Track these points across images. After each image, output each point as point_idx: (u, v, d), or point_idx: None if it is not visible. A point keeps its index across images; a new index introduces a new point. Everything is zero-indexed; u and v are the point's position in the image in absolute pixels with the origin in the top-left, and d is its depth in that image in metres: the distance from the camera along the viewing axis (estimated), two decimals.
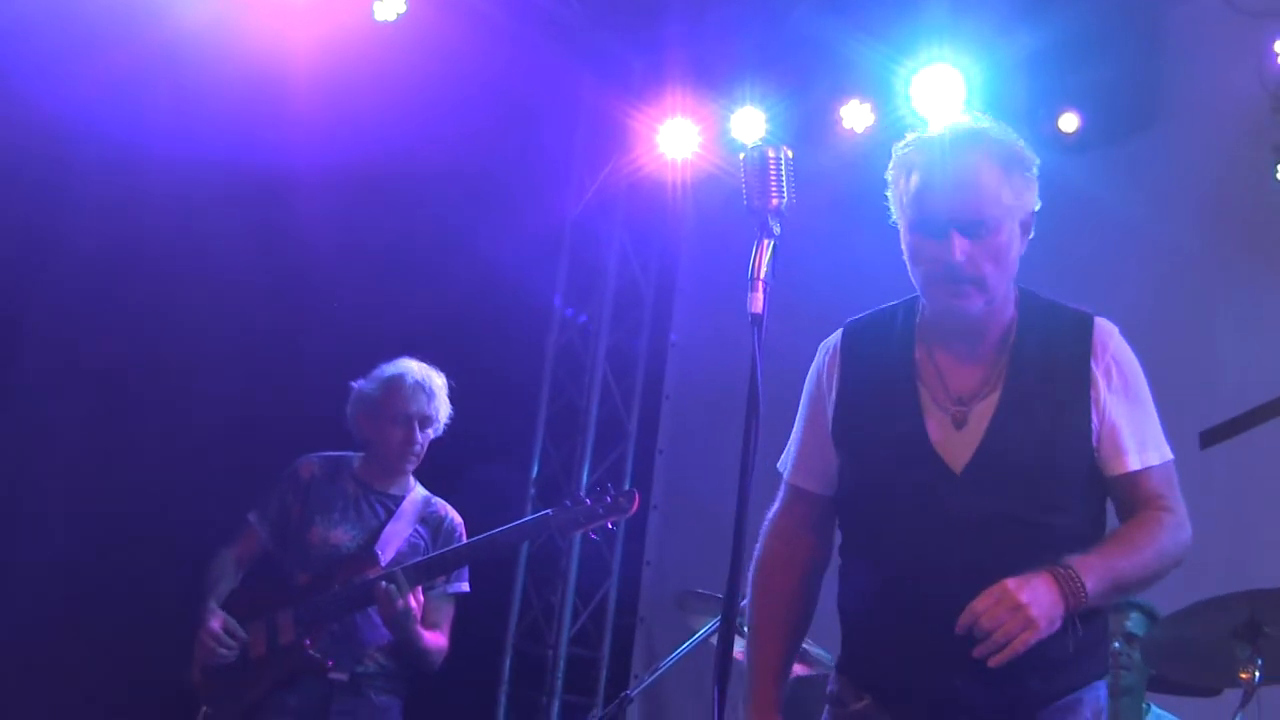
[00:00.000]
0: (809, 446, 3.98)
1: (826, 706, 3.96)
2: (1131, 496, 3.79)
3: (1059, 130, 8.69)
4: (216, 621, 6.13)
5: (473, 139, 8.83)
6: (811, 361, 4.15)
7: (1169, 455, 3.85)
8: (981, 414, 3.71)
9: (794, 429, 4.11)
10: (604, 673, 9.93)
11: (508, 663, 9.82)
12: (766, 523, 4.05)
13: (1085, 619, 3.65)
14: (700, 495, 9.37)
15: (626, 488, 6.40)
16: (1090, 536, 3.75)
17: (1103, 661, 3.86)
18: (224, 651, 6.10)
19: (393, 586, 5.97)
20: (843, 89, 9.14)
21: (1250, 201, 8.30)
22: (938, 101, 8.88)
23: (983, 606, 3.41)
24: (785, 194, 3.49)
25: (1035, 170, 3.84)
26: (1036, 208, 3.85)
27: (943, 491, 3.65)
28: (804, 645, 4.82)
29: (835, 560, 4.11)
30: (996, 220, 3.66)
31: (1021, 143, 3.86)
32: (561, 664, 9.86)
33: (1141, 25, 8.76)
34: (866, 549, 3.85)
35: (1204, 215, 8.47)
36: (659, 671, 7.12)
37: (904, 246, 3.78)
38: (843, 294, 5.14)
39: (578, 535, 6.41)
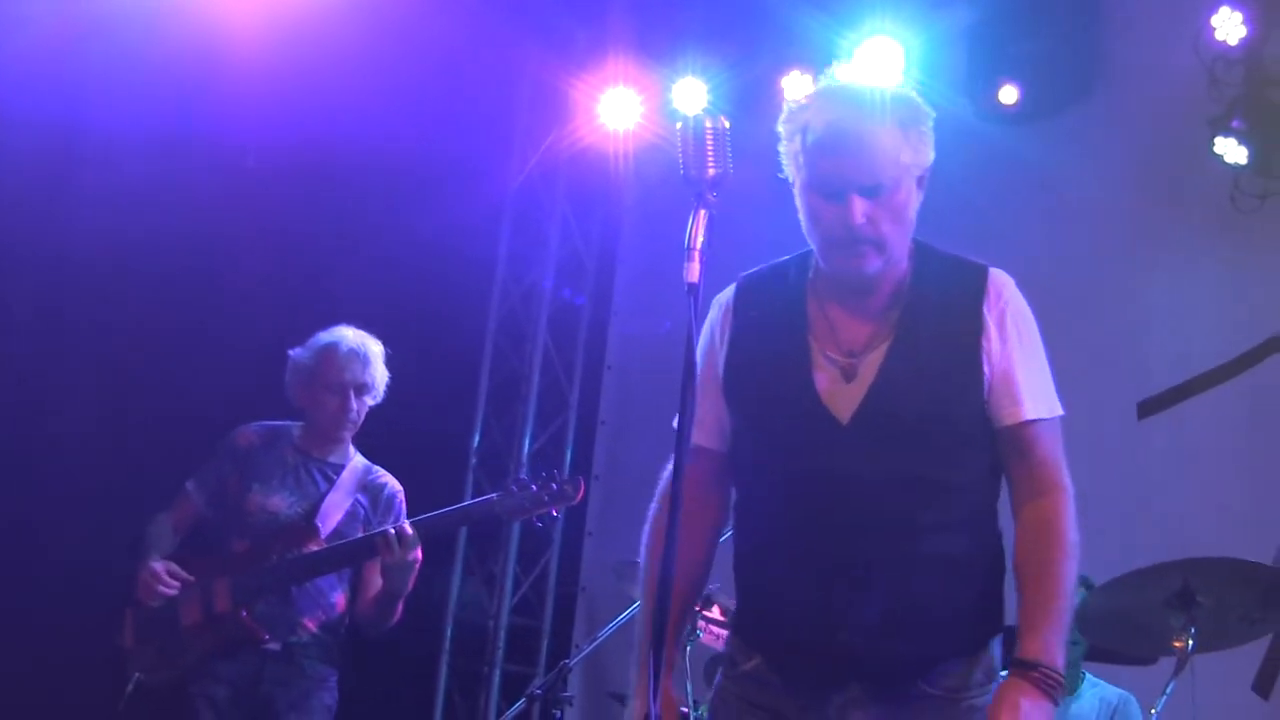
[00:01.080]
0: (702, 401, 3.87)
1: (720, 668, 3.92)
2: (1021, 454, 3.71)
3: (998, 101, 8.74)
4: (159, 563, 6.13)
5: (414, 109, 8.79)
6: None
7: (1059, 411, 3.78)
8: (871, 365, 3.66)
9: None
10: (545, 642, 9.95)
11: (449, 632, 9.84)
12: (661, 482, 3.97)
13: (984, 575, 3.70)
14: (641, 466, 9.34)
15: (573, 474, 6.43)
16: (982, 489, 3.76)
17: (997, 620, 3.79)
18: (164, 589, 6.09)
19: (405, 539, 6.00)
20: (785, 60, 9.14)
21: (1187, 174, 8.36)
22: (879, 73, 8.91)
23: None
24: (722, 165, 3.46)
25: (930, 124, 3.76)
26: (931, 160, 3.77)
27: (830, 443, 3.60)
28: None
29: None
30: (895, 180, 3.62)
31: (917, 98, 3.77)
32: (503, 634, 9.88)
33: None
34: (757, 503, 3.79)
35: (1141, 187, 8.53)
36: (597, 641, 7.15)
37: (799, 204, 3.71)
38: None
39: (532, 520, 6.38)
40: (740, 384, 3.80)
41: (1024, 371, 3.70)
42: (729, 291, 3.93)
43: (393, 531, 6.01)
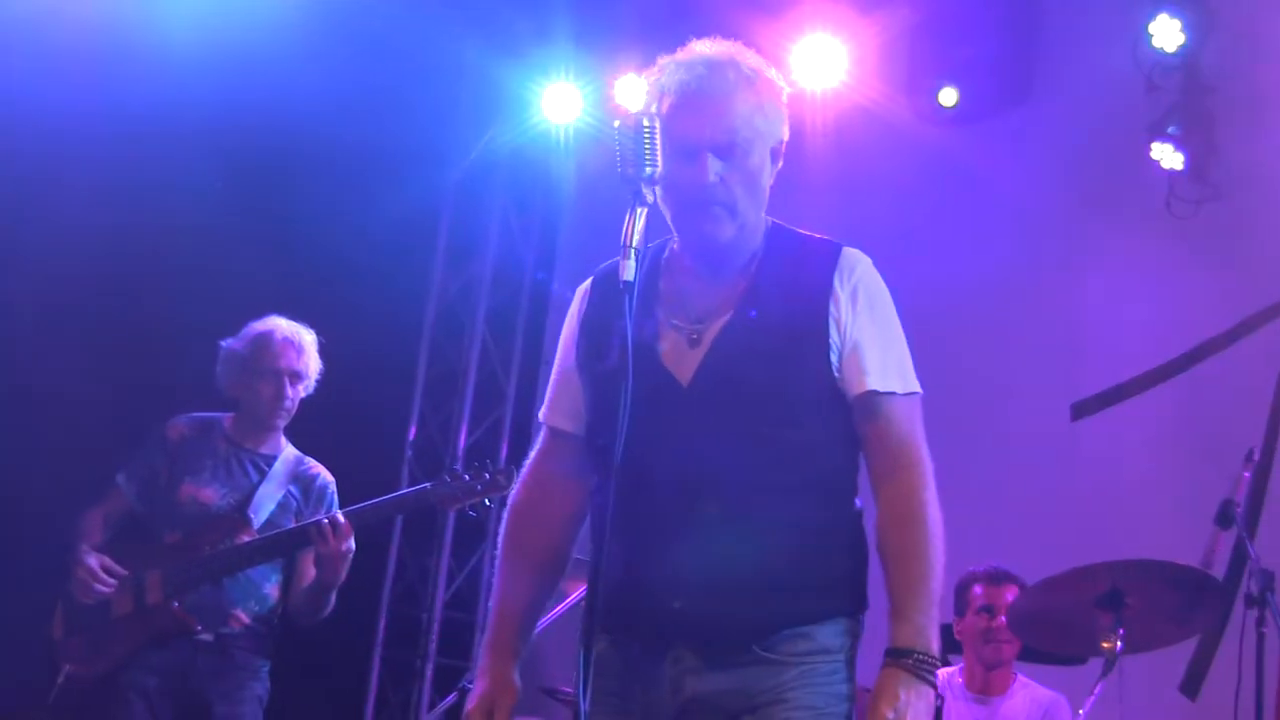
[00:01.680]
0: (560, 385, 3.89)
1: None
2: (873, 427, 3.64)
3: (938, 104, 8.79)
4: (94, 559, 6.11)
5: (353, 100, 8.75)
6: None
7: (915, 389, 3.69)
8: (714, 330, 3.64)
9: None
10: (478, 635, 9.93)
11: (382, 625, 9.82)
12: (524, 469, 3.96)
13: (834, 543, 3.63)
14: None
15: (506, 464, 6.43)
16: (829, 457, 3.66)
17: (850, 596, 3.66)
18: (100, 587, 6.08)
19: (338, 529, 6.00)
20: None
21: (1123, 179, 8.44)
22: (818, 72, 8.95)
23: None
24: (659, 163, 3.44)
25: (785, 99, 3.75)
26: (786, 136, 3.76)
27: (671, 406, 3.56)
28: None
29: None
30: (748, 142, 3.60)
31: (774, 71, 3.76)
32: (436, 626, 9.87)
33: (1020, 2, 8.87)
34: (604, 475, 3.64)
35: (1078, 192, 8.59)
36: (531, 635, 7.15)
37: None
38: None
39: (464, 509, 6.39)
40: (589, 357, 3.78)
41: (874, 344, 3.64)
42: (587, 281, 3.95)
43: (326, 521, 6.02)
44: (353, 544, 6.07)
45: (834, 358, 3.62)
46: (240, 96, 8.07)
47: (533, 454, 3.97)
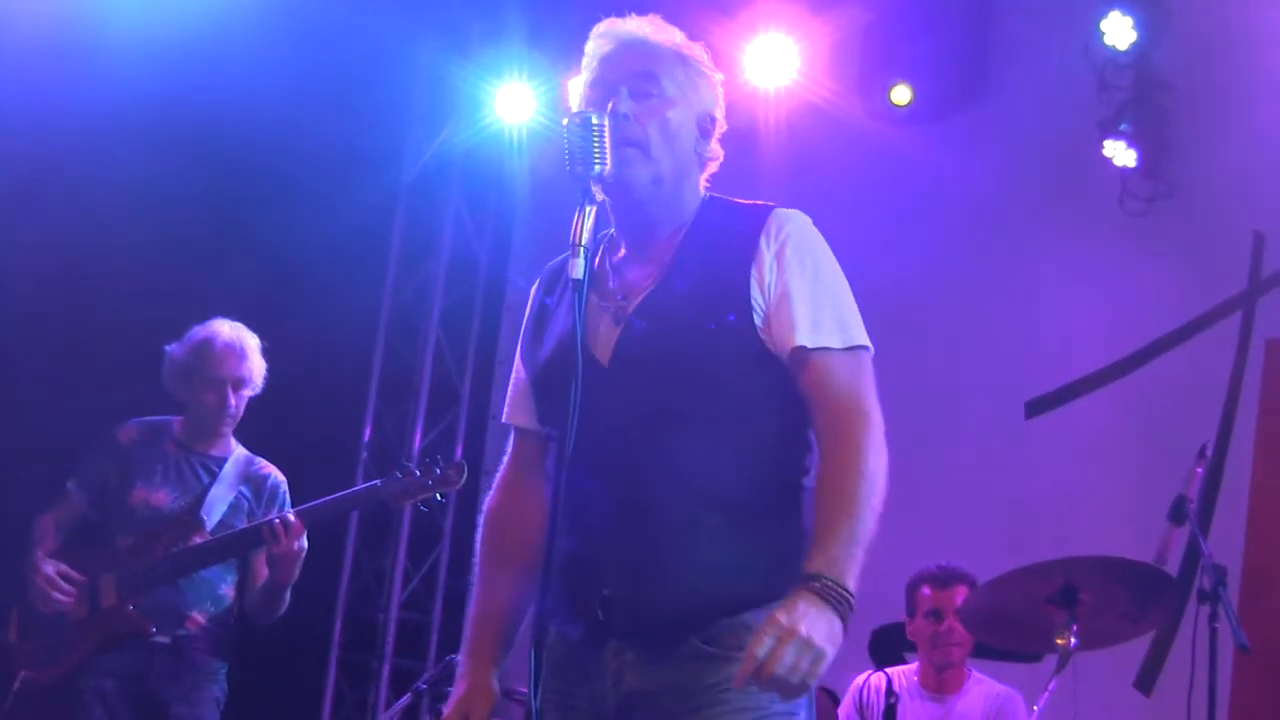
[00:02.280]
0: (517, 384, 3.85)
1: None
2: (812, 385, 3.46)
3: (891, 102, 8.81)
4: (50, 566, 6.11)
5: (309, 99, 8.73)
6: None
7: (859, 343, 3.51)
8: (635, 305, 3.56)
9: None
10: (435, 636, 9.93)
11: (338, 626, 9.80)
12: (498, 474, 3.89)
13: (774, 522, 3.48)
14: None
15: (457, 459, 6.43)
16: (765, 430, 3.51)
17: (788, 581, 3.35)
18: (59, 596, 6.07)
19: (289, 528, 6.01)
20: None
21: (1076, 177, 8.48)
22: (771, 71, 8.98)
23: (764, 650, 3.12)
24: (608, 161, 3.42)
25: (717, 77, 3.75)
26: (719, 117, 3.75)
27: (594, 387, 3.36)
28: None
29: None
30: (663, 90, 3.59)
31: (697, 46, 3.76)
32: (392, 627, 9.85)
33: (972, 1, 8.90)
34: (550, 468, 3.67)
35: (1031, 189, 8.63)
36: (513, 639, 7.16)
37: None
38: None
39: (416, 505, 6.40)
40: (532, 348, 3.76)
41: (803, 297, 3.47)
42: (537, 281, 3.91)
43: (277, 520, 6.02)
44: (304, 543, 6.07)
45: (759, 320, 3.48)
46: (191, 97, 8.02)
47: (505, 457, 3.90)
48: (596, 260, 3.65)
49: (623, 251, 3.70)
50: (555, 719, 3.52)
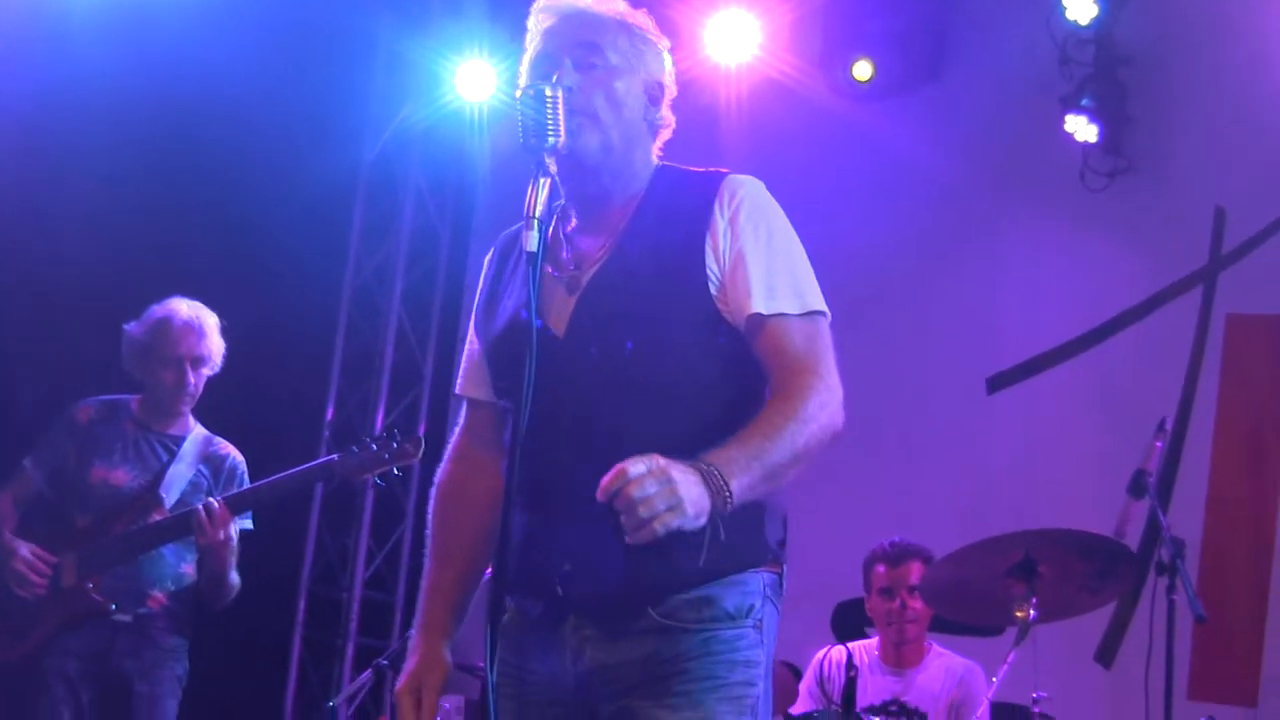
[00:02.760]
0: (470, 356, 3.82)
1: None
2: (769, 350, 3.43)
3: (852, 77, 8.82)
4: (25, 548, 6.12)
5: (268, 78, 8.70)
6: None
7: (816, 308, 3.48)
8: (588, 277, 3.54)
9: None
10: (399, 615, 9.95)
11: (302, 605, 9.80)
12: (448, 446, 3.85)
13: (745, 503, 3.32)
14: None
15: (416, 434, 6.43)
16: (722, 401, 3.47)
17: (753, 550, 3.45)
18: (36, 579, 6.09)
19: (213, 516, 5.99)
20: None
21: (1038, 152, 8.52)
22: (732, 47, 8.98)
23: (634, 471, 3.05)
24: (562, 133, 3.41)
25: (664, 46, 3.72)
26: (668, 84, 3.72)
27: (549, 359, 3.35)
28: None
29: None
30: (607, 60, 3.58)
31: (651, 21, 3.72)
32: (356, 606, 9.86)
33: None
34: (506, 440, 3.58)
35: (993, 165, 8.67)
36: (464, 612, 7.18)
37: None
38: None
39: (369, 479, 6.40)
40: (486, 320, 3.73)
41: (761, 264, 3.46)
42: (492, 249, 3.88)
43: (202, 508, 6.01)
44: (232, 532, 6.07)
45: (714, 289, 3.45)
46: (152, 75, 7.96)
47: (456, 429, 3.86)
48: (550, 231, 3.60)
49: (574, 222, 3.67)
50: (513, 693, 3.52)
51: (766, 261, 3.47)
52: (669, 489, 3.06)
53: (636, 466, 3.06)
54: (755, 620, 3.46)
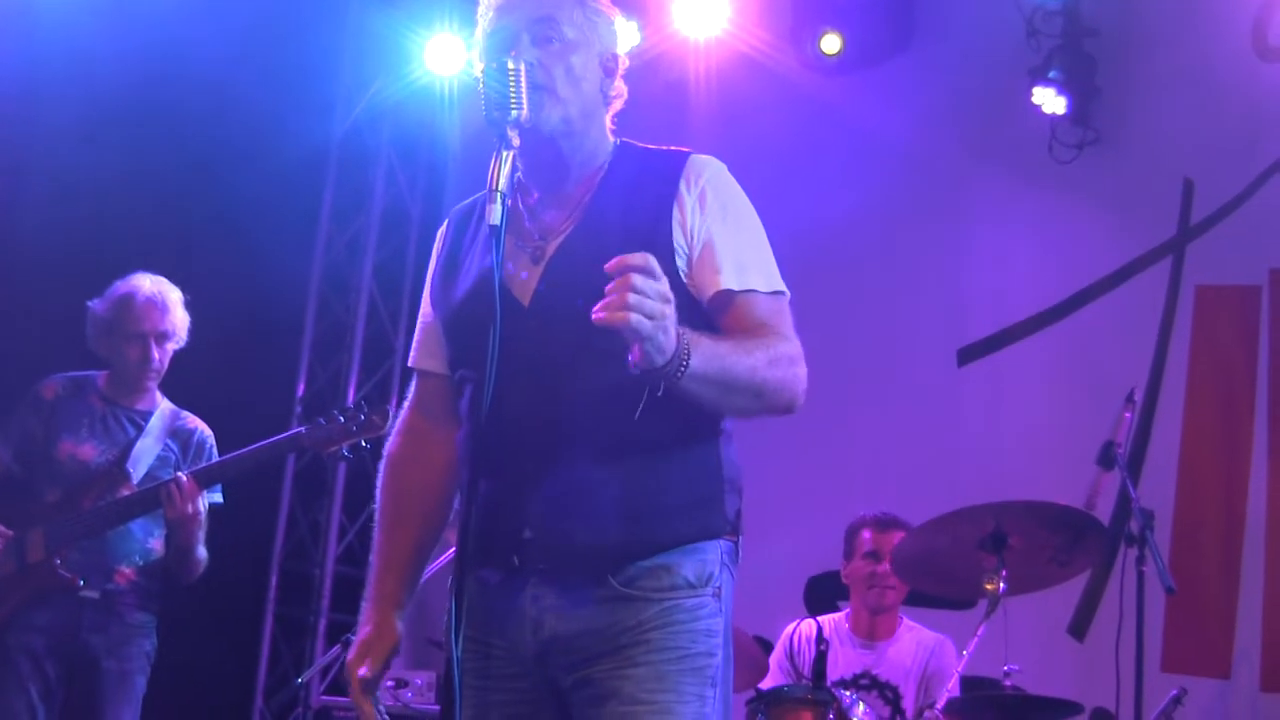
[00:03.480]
0: (424, 328, 3.82)
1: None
2: (741, 320, 3.47)
3: (821, 51, 8.79)
4: None
5: (237, 52, 8.64)
6: None
7: (781, 288, 3.54)
8: (553, 248, 3.57)
9: None
10: None
11: (274, 581, 9.79)
12: (399, 418, 3.89)
13: (690, 465, 3.47)
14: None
15: (384, 407, 6.40)
16: None
17: (712, 518, 3.50)
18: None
19: (182, 490, 6.00)
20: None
21: (1006, 124, 8.50)
22: (701, 20, 8.95)
23: (651, 267, 3.07)
24: (525, 106, 3.41)
25: (614, 18, 3.73)
26: (621, 55, 3.73)
27: (513, 327, 3.36)
28: None
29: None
30: (568, 40, 3.58)
31: None
32: (328, 582, 9.85)
33: None
34: (464, 408, 3.64)
35: (961, 137, 8.66)
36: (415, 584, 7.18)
37: (480, 90, 3.52)
38: None
39: (340, 451, 6.39)
40: (443, 290, 3.73)
41: (728, 244, 3.51)
42: (446, 221, 3.89)
43: (171, 482, 6.03)
44: (200, 506, 6.08)
45: (681, 263, 3.50)
46: (122, 52, 7.91)
47: (407, 402, 3.88)
48: (509, 205, 3.50)
49: (535, 195, 3.67)
50: (476, 666, 3.52)
51: (735, 241, 3.52)
52: (662, 307, 3.05)
53: (637, 260, 3.06)
54: (715, 588, 3.49)
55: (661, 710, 3.39)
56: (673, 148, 3.69)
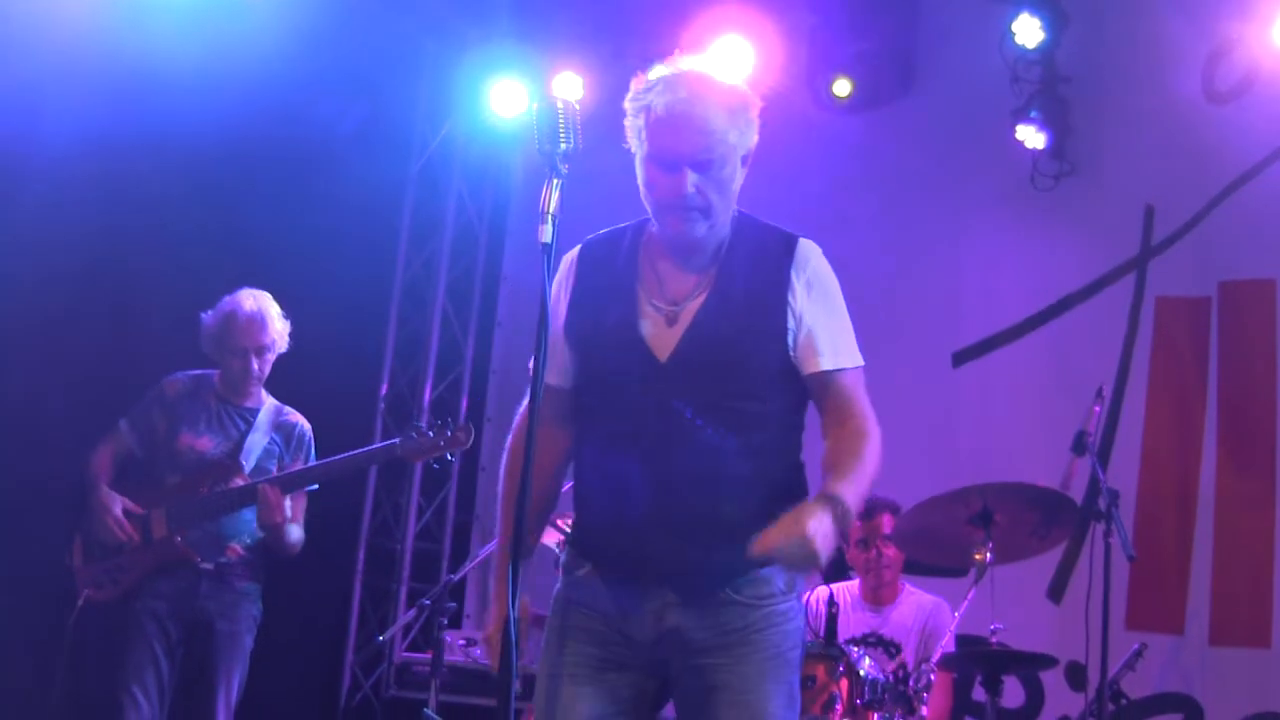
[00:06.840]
0: (555, 344, 3.84)
1: (560, 575, 3.88)
2: (827, 395, 3.73)
3: (833, 94, 8.84)
4: (118, 505, 6.24)
5: (331, 97, 8.77)
6: None
7: (860, 362, 3.78)
8: (689, 312, 3.68)
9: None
10: (445, 563, 9.99)
11: (362, 555, 9.82)
12: (517, 417, 3.93)
13: (784, 495, 3.62)
14: None
15: (464, 422, 6.50)
16: (785, 422, 3.77)
17: None
18: (122, 535, 6.20)
19: (268, 501, 6.14)
20: (649, 58, 9.16)
21: (993, 157, 8.55)
22: (730, 68, 8.99)
23: (779, 541, 3.38)
24: (571, 139, 3.48)
25: (756, 112, 3.75)
26: (755, 142, 3.76)
27: (650, 378, 3.62)
28: None
29: None
30: (722, 157, 3.62)
31: (745, 89, 3.78)
32: (408, 556, 9.90)
33: (901, 6, 8.95)
34: (592, 432, 3.80)
35: (954, 168, 8.68)
36: (477, 559, 7.39)
37: (639, 171, 3.71)
38: None
39: (429, 463, 6.52)
40: (579, 327, 3.81)
41: (826, 329, 3.72)
42: (575, 250, 3.92)
43: (266, 487, 6.16)
44: (286, 510, 6.21)
45: (790, 340, 3.68)
46: (231, 94, 7.89)
47: (524, 404, 3.87)
48: (640, 258, 3.80)
49: (667, 257, 3.78)
50: (585, 639, 3.74)
51: (830, 326, 3.74)
52: (807, 547, 3.34)
53: (779, 537, 3.38)
54: (798, 592, 3.75)
55: (765, 697, 3.62)
56: (778, 227, 3.84)
